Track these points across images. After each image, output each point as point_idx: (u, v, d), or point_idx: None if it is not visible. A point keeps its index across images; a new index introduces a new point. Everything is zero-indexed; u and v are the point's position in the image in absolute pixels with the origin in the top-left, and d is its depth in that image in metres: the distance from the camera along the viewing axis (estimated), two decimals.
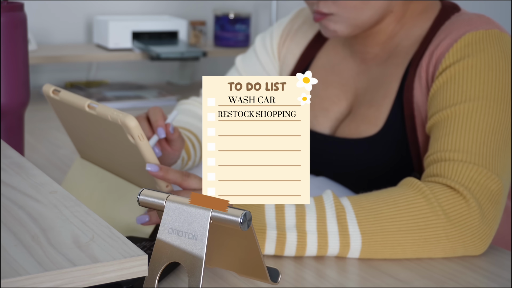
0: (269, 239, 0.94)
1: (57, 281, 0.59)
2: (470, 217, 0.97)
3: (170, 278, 0.88)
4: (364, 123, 1.19)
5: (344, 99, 1.25)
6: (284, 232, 0.95)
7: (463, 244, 0.97)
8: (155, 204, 0.73)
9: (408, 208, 0.96)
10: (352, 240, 0.95)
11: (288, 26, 1.36)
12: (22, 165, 0.87)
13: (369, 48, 1.23)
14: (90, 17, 2.40)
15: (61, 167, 1.37)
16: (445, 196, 0.97)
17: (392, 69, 1.19)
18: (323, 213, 0.96)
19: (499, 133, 1.03)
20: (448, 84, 1.07)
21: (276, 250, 0.95)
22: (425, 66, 1.13)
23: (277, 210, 0.96)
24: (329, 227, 0.95)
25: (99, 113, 0.94)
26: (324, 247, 0.95)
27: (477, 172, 0.99)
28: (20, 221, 0.69)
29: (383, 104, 1.18)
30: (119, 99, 2.12)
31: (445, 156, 1.02)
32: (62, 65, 2.37)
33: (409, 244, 0.96)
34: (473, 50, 1.07)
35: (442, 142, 1.03)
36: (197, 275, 0.68)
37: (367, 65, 1.24)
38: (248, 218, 0.68)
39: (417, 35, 1.19)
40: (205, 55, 2.25)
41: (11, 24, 1.12)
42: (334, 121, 1.25)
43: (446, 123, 1.05)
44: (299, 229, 0.95)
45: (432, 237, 0.96)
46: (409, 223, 0.96)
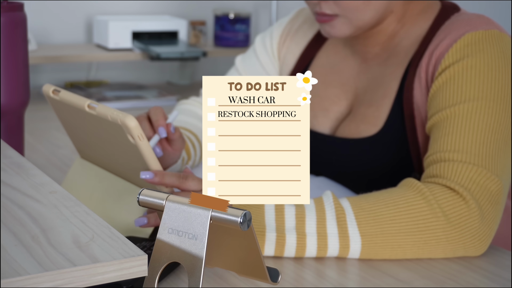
0: (269, 241, 0.94)
1: (57, 281, 0.59)
2: (470, 218, 0.97)
3: (170, 278, 0.88)
4: (364, 123, 1.19)
5: (344, 99, 1.25)
6: (284, 234, 0.95)
7: (463, 245, 0.97)
8: (155, 204, 0.73)
9: (407, 210, 0.96)
10: (352, 242, 0.95)
11: (288, 26, 1.36)
12: (22, 165, 0.87)
13: (370, 48, 1.23)
14: (90, 17, 2.40)
15: (61, 167, 1.37)
16: (445, 197, 0.97)
17: (392, 68, 1.19)
18: (323, 214, 0.96)
19: (498, 133, 1.03)
20: (447, 84, 1.07)
21: (275, 252, 0.95)
22: (425, 66, 1.13)
23: (276, 212, 0.96)
24: (329, 229, 0.95)
25: (99, 113, 0.94)
26: (324, 249, 0.95)
27: (476, 172, 0.99)
28: (20, 221, 0.69)
29: (382, 104, 1.18)
30: (119, 99, 2.12)
31: (444, 157, 1.02)
32: (62, 65, 2.37)
33: (409, 245, 0.96)
34: (473, 50, 1.07)
35: (441, 143, 1.03)
36: (197, 275, 0.68)
37: (368, 64, 1.24)
38: (248, 218, 0.68)
39: (417, 34, 1.19)
40: (205, 55, 2.25)
41: (11, 24, 1.12)
42: (334, 121, 1.25)
43: (446, 124, 1.04)
44: (298, 231, 0.95)
45: (432, 239, 0.96)
46: (409, 224, 0.95)
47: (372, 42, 1.22)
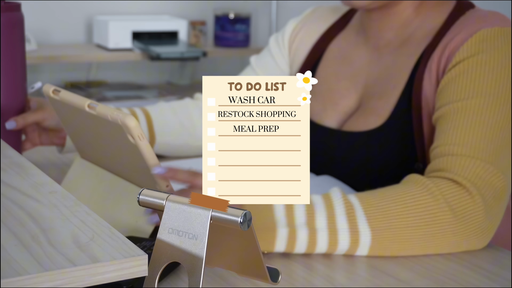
0: (280, 236, 0.94)
1: (57, 281, 0.58)
2: (475, 212, 0.98)
3: (170, 278, 0.88)
4: (373, 115, 1.20)
5: (354, 92, 1.26)
6: (295, 229, 0.95)
7: (467, 238, 0.98)
8: (155, 204, 0.73)
9: (415, 205, 0.97)
10: (362, 237, 0.95)
11: (302, 21, 1.39)
12: (22, 165, 0.87)
13: (384, 33, 1.24)
14: (90, 17, 2.40)
15: (61, 167, 1.37)
16: (451, 191, 0.98)
17: (403, 58, 1.21)
18: (332, 210, 0.96)
19: (506, 131, 1.04)
20: (459, 77, 1.08)
21: (286, 248, 0.95)
22: (437, 59, 1.13)
23: (286, 208, 0.96)
24: (339, 224, 0.95)
25: (99, 113, 0.94)
26: (334, 244, 0.96)
27: (483, 168, 1.00)
28: (20, 221, 0.69)
29: (391, 95, 1.19)
30: (119, 99, 2.12)
31: (451, 150, 1.03)
32: (62, 65, 2.37)
33: (417, 239, 0.97)
34: (487, 47, 1.08)
35: (449, 135, 1.04)
36: (197, 275, 0.68)
37: (380, 52, 1.25)
38: (248, 218, 0.68)
39: (431, 27, 1.20)
40: (205, 55, 2.25)
41: (8, 24, 1.12)
42: (342, 114, 1.26)
43: (455, 117, 1.06)
44: (309, 226, 0.95)
45: (439, 232, 0.97)
46: (417, 219, 0.96)
47: (386, 26, 1.23)
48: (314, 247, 0.96)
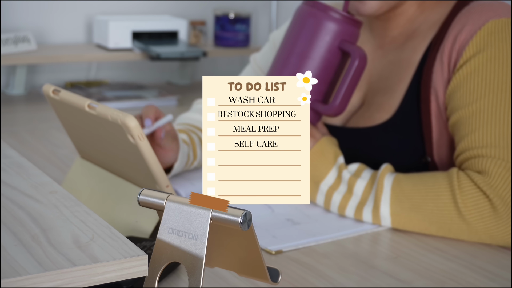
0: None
1: (57, 281, 0.59)
2: (494, 226, 1.03)
3: (170, 278, 0.88)
4: (379, 111, 1.20)
5: (357, 90, 1.26)
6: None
7: (478, 240, 1.06)
8: (155, 204, 0.73)
9: (438, 208, 1.06)
10: (384, 194, 1.08)
11: None
12: (22, 165, 0.87)
13: (389, 32, 1.25)
14: (90, 17, 2.40)
15: (61, 167, 1.37)
16: (476, 208, 1.04)
17: (408, 53, 1.21)
18: (373, 178, 1.10)
19: None
20: (470, 77, 1.10)
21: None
22: (448, 51, 1.14)
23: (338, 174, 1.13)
24: (359, 187, 1.11)
25: (99, 113, 0.94)
26: (364, 202, 1.10)
27: (505, 168, 1.04)
28: (20, 221, 0.69)
29: (397, 90, 1.19)
30: (119, 99, 2.12)
31: (475, 153, 1.06)
32: (62, 65, 2.37)
33: (432, 213, 1.06)
34: (496, 39, 1.10)
35: (470, 140, 1.08)
36: (197, 275, 0.68)
37: (384, 49, 1.26)
38: (248, 218, 0.68)
39: (435, 20, 1.20)
40: (205, 55, 2.25)
41: None
42: (345, 112, 1.26)
43: (472, 120, 1.08)
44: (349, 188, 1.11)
45: (454, 236, 1.06)
46: (434, 212, 1.06)
47: (392, 25, 1.24)
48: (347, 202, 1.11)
